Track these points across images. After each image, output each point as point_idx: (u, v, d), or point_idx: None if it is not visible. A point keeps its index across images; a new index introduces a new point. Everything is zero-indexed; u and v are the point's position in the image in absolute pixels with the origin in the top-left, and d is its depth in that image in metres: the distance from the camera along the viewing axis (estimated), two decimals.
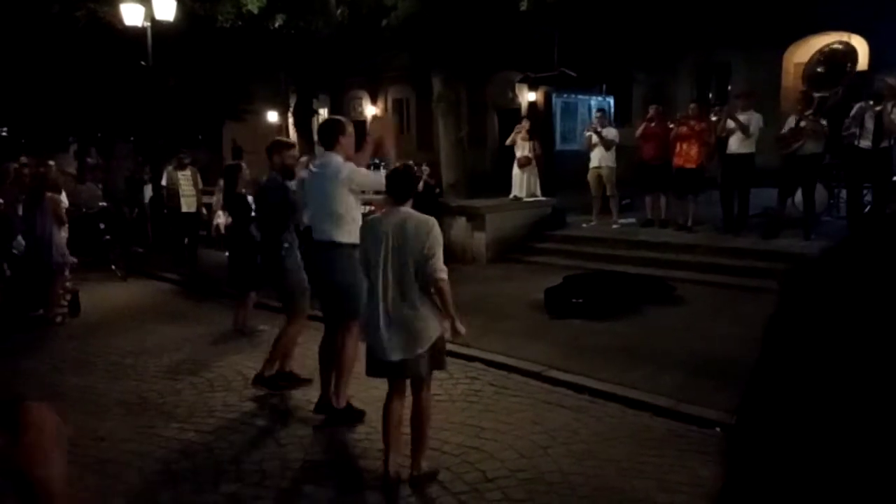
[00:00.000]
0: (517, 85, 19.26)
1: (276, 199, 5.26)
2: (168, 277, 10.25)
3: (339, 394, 4.57)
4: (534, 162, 11.73)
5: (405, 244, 3.56)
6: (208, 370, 5.87)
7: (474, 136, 21.02)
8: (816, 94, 8.84)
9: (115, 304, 8.62)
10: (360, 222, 4.48)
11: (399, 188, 3.74)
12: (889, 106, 7.81)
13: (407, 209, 3.69)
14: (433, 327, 3.62)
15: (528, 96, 20.12)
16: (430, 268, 3.52)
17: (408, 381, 3.79)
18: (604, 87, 14.13)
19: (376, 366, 3.79)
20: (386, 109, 26.51)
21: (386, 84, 25.47)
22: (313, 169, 4.62)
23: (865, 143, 8.02)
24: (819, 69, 9.07)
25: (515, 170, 11.87)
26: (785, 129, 8.81)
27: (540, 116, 13.07)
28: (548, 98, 12.84)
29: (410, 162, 4.09)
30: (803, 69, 9.25)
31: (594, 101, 13.06)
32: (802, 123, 8.58)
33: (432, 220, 3.64)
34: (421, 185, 11.08)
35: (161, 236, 12.11)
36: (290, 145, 5.72)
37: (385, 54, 17.96)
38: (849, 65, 8.85)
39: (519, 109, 20.96)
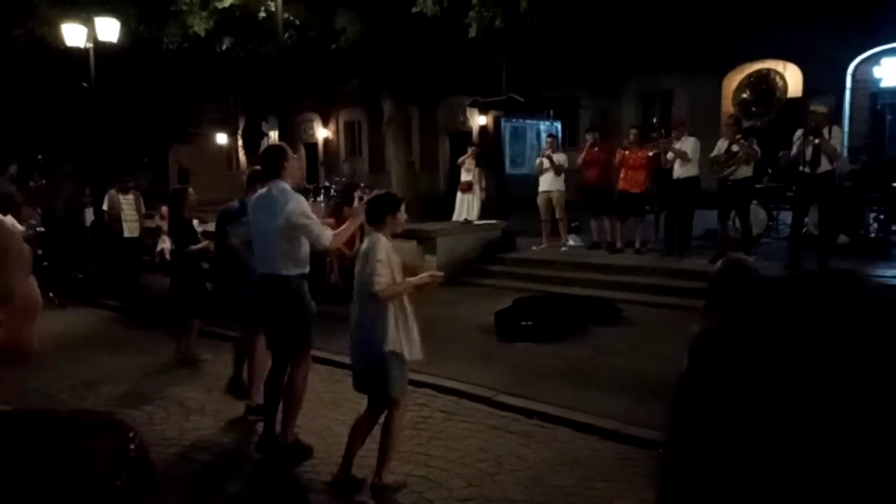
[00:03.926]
0: (468, 109, 19.47)
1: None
2: (108, 305, 9.92)
3: (287, 429, 4.43)
4: (476, 187, 11.99)
5: (361, 263, 3.82)
6: (149, 402, 5.67)
7: (426, 158, 21.17)
8: (746, 123, 9.08)
9: (51, 333, 8.25)
10: (308, 251, 4.43)
11: (369, 213, 3.96)
12: (826, 133, 8.08)
13: (373, 233, 3.87)
14: (376, 344, 3.76)
15: (478, 120, 20.37)
16: (366, 280, 3.74)
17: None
18: (551, 112, 14.39)
19: (353, 377, 4.06)
20: (337, 132, 26.43)
21: (337, 107, 25.41)
22: (258, 197, 4.52)
23: (808, 169, 8.23)
24: (745, 95, 9.38)
25: (459, 194, 12.08)
26: (714, 153, 9.05)
27: (489, 140, 13.23)
28: (497, 123, 13.00)
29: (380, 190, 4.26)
30: (732, 94, 9.55)
31: (542, 126, 13.27)
32: (734, 148, 8.84)
33: (372, 238, 3.83)
34: None
35: (102, 262, 11.74)
36: None
37: (336, 77, 17.98)
38: (778, 91, 9.17)
39: (470, 133, 21.18)
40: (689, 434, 0.53)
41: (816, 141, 8.00)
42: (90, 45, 11.86)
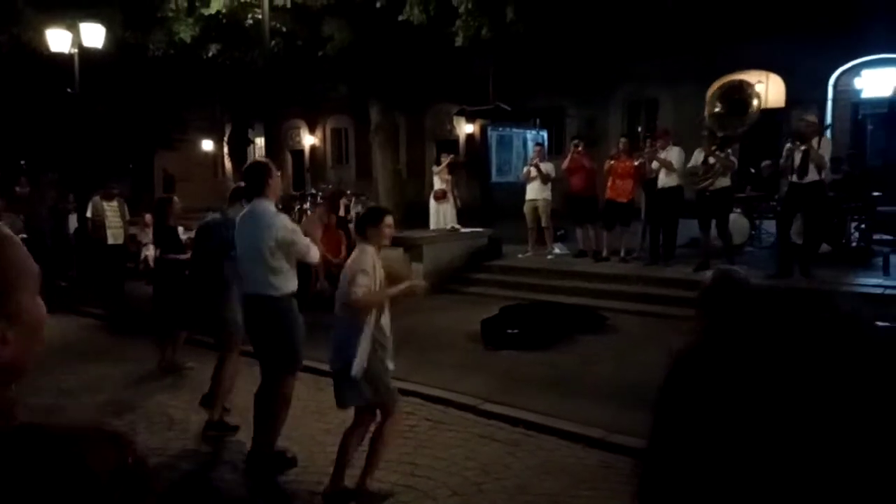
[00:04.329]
0: (455, 117, 19.54)
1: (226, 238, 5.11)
2: (92, 312, 9.83)
3: (272, 442, 4.38)
4: (450, 195, 12.07)
5: (346, 272, 3.85)
6: (131, 411, 5.62)
7: (413, 166, 21.19)
8: (720, 133, 9.15)
9: None
10: (295, 269, 4.40)
11: (357, 225, 4.03)
12: (815, 143, 8.13)
13: (361, 244, 3.91)
14: (353, 348, 3.75)
15: (465, 128, 20.43)
16: (345, 292, 3.75)
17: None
18: (537, 121, 14.47)
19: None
20: (324, 139, 26.40)
21: (324, 114, 25.38)
22: (243, 217, 4.46)
23: (797, 178, 8.25)
24: (717, 107, 9.42)
25: (432, 202, 12.13)
26: (692, 163, 9.13)
27: (476, 148, 13.29)
28: (484, 131, 13.06)
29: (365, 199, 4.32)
30: (706, 105, 9.59)
31: (529, 135, 13.34)
32: (711, 160, 8.91)
33: (360, 250, 3.86)
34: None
35: (86, 269, 11.63)
36: None
37: (323, 84, 17.99)
38: (754, 102, 9.22)
39: (457, 141, 21.23)
40: (666, 447, 0.55)
41: (803, 147, 8.05)
42: (75, 50, 11.79)
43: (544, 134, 13.88)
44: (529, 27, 11.84)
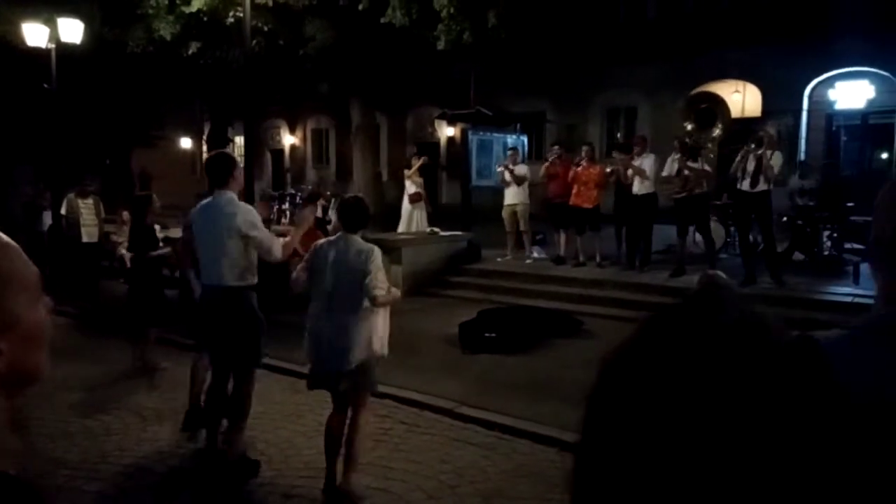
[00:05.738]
0: (436, 120, 19.59)
1: None
2: (65, 311, 9.68)
3: (234, 445, 4.29)
4: (423, 198, 12.15)
5: (347, 267, 3.83)
6: (104, 412, 5.56)
7: (393, 168, 21.18)
8: (689, 140, 9.32)
9: None
10: (256, 262, 4.35)
11: (349, 218, 3.98)
12: (769, 153, 8.40)
13: (354, 237, 3.92)
14: (364, 345, 3.86)
15: (446, 131, 20.47)
16: (367, 287, 3.79)
17: (348, 399, 4.03)
18: (518, 126, 14.54)
19: (315, 377, 4.04)
20: (304, 139, 26.30)
21: (305, 113, 25.29)
22: (204, 206, 4.37)
23: (746, 186, 8.49)
24: (688, 125, 9.60)
25: (406, 205, 12.14)
26: (665, 172, 9.33)
27: (457, 152, 13.30)
28: (464, 135, 13.09)
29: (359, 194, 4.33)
30: (680, 116, 9.76)
31: (510, 140, 13.41)
32: (686, 172, 9.08)
33: (375, 249, 3.89)
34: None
35: (60, 267, 11.47)
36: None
37: (304, 84, 17.93)
38: (720, 114, 9.43)
39: (438, 144, 21.27)
40: (593, 444, 0.58)
41: (759, 152, 8.27)
42: (52, 45, 11.63)
43: (524, 139, 13.94)
44: (511, 33, 11.92)
